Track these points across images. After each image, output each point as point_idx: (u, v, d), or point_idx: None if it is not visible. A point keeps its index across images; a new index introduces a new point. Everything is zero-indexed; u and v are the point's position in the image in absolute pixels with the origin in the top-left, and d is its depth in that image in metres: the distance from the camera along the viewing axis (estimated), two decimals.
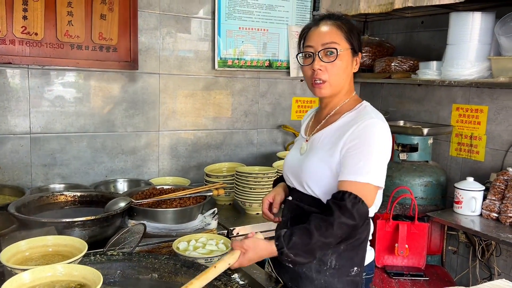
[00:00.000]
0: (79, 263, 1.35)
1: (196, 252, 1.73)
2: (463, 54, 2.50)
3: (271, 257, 1.51)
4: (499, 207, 2.39)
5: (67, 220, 1.77)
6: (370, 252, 1.62)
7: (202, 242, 1.82)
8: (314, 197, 1.52)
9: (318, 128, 1.60)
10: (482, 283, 1.32)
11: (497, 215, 2.39)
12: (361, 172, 1.39)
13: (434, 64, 2.73)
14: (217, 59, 2.95)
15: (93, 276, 1.22)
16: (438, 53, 2.89)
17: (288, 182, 1.69)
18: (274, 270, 1.67)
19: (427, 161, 2.81)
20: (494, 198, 2.42)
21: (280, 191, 1.73)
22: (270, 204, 1.73)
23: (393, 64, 2.99)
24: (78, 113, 2.60)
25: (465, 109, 2.85)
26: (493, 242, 2.57)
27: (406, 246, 2.47)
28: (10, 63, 2.35)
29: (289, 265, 1.40)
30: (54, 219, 1.79)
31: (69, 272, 1.25)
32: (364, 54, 3.21)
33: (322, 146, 1.52)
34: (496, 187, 2.42)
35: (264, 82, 3.20)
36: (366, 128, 1.43)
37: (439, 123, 2.99)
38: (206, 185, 2.54)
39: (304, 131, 1.71)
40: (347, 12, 2.90)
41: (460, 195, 2.50)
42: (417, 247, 2.52)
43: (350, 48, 1.51)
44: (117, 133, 2.72)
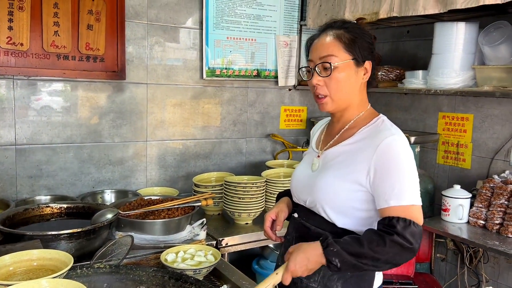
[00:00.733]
0: (65, 277, 1.33)
1: (184, 263, 1.71)
2: (448, 64, 2.53)
3: None
4: (486, 214, 2.41)
5: (53, 233, 1.74)
6: (378, 276, 1.49)
7: (190, 253, 1.80)
8: (322, 217, 1.44)
9: (331, 143, 1.50)
10: None
11: (484, 222, 2.42)
12: (401, 195, 1.31)
13: (420, 73, 2.76)
14: (205, 69, 2.95)
15: None
16: (423, 62, 2.93)
17: (295, 198, 1.60)
18: None
19: None
20: (481, 205, 2.44)
21: (283, 208, 1.62)
22: (273, 221, 1.62)
23: (380, 73, 3.02)
24: (65, 123, 2.58)
25: (451, 117, 2.88)
26: (480, 249, 2.59)
27: None
28: None
29: (335, 262, 1.25)
30: (40, 232, 1.76)
31: (54, 286, 1.23)
32: None
33: (338, 163, 1.43)
34: (482, 195, 2.45)
35: (252, 91, 3.20)
36: (390, 147, 1.34)
37: (426, 131, 3.02)
38: (194, 195, 2.52)
39: (315, 145, 1.59)
40: None
41: (447, 203, 2.52)
42: None
43: (352, 58, 1.41)
44: (104, 143, 2.70)
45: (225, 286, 1.59)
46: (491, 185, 2.44)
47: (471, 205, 2.49)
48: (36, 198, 2.48)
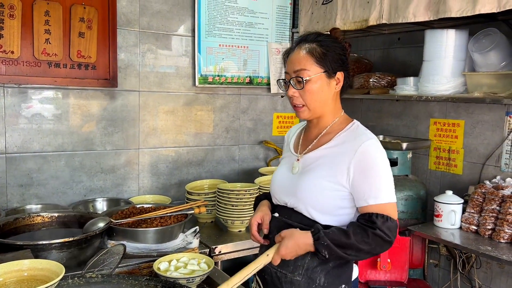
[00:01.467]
0: None
1: (177, 272, 1.70)
2: (439, 70, 2.56)
3: (258, 272, 1.58)
4: (478, 220, 2.43)
5: (44, 242, 1.72)
6: (355, 268, 1.63)
7: (183, 262, 1.79)
8: (304, 215, 1.53)
9: (310, 147, 1.59)
10: None
11: (476, 228, 2.43)
12: (378, 195, 1.44)
13: (411, 80, 2.79)
14: (197, 76, 2.95)
15: None
16: (414, 69, 2.95)
17: (274, 200, 1.67)
18: (261, 285, 1.65)
19: (407, 175, 2.84)
20: (473, 211, 2.46)
21: (267, 211, 1.69)
22: (258, 225, 1.67)
23: (371, 80, 3.04)
24: (56, 131, 2.56)
25: (442, 123, 2.91)
26: (473, 254, 2.60)
27: (388, 260, 2.48)
28: None
29: (324, 253, 1.40)
30: (30, 242, 1.74)
31: None
32: None
33: (319, 166, 1.52)
34: (474, 200, 2.46)
35: (245, 98, 3.21)
36: (367, 151, 1.46)
37: (418, 137, 3.04)
38: (187, 203, 2.51)
39: (293, 149, 1.68)
40: (325, 29, 2.94)
41: (440, 209, 2.53)
42: (399, 261, 2.53)
43: (323, 71, 1.51)
44: (96, 151, 2.68)
45: None
46: (483, 190, 2.46)
47: (463, 210, 2.50)
48: (26, 207, 2.45)
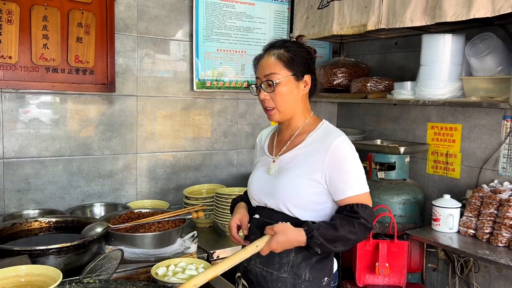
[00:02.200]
0: None
1: (175, 277, 1.70)
2: (436, 75, 2.57)
3: (242, 274, 1.63)
4: (476, 224, 2.43)
5: (41, 247, 1.72)
6: (334, 262, 1.71)
7: (181, 266, 1.79)
8: (285, 213, 1.59)
9: (285, 149, 1.67)
10: None
11: (474, 232, 2.43)
12: (354, 186, 1.55)
13: (409, 84, 2.80)
14: (195, 81, 2.96)
15: None
16: (412, 73, 2.96)
17: (254, 202, 1.72)
18: (247, 286, 1.66)
19: (405, 179, 2.84)
20: (471, 215, 2.46)
21: (245, 212, 1.74)
22: (238, 227, 1.72)
23: (368, 84, 3.05)
24: (54, 136, 2.56)
25: (439, 127, 2.91)
26: (471, 258, 2.60)
27: (387, 264, 2.47)
28: None
29: (317, 250, 1.48)
30: (28, 247, 1.74)
31: None
32: (340, 75, 3.27)
33: (295, 165, 1.60)
34: (472, 204, 2.47)
35: (243, 102, 3.21)
36: (339, 148, 1.56)
37: (415, 142, 3.05)
38: (185, 207, 2.51)
39: (267, 152, 1.74)
40: (320, 33, 2.95)
41: (437, 213, 2.53)
42: (397, 266, 2.53)
43: (292, 74, 1.60)
44: (93, 156, 2.68)
45: None
46: (481, 194, 2.46)
47: (461, 214, 2.50)
48: (24, 212, 2.45)
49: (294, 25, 3.17)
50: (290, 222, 1.54)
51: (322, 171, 1.55)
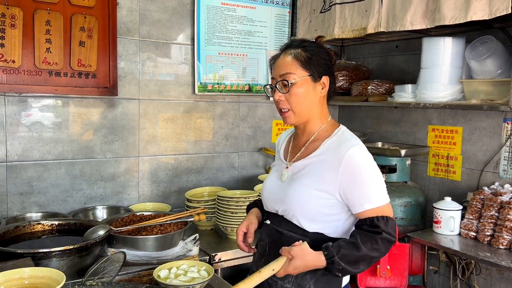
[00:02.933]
0: None
1: (177, 280, 1.70)
2: (436, 78, 2.58)
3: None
4: (477, 226, 2.43)
5: (44, 250, 1.73)
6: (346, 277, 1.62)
7: (183, 269, 1.79)
8: (294, 223, 1.54)
9: (298, 155, 1.60)
10: None
11: (475, 234, 2.43)
12: (372, 198, 1.46)
13: (409, 87, 2.81)
14: (197, 84, 2.97)
15: None
16: (412, 76, 2.97)
17: (266, 207, 1.68)
18: None
19: (406, 181, 2.85)
20: (472, 217, 2.46)
21: (253, 219, 1.71)
22: (245, 234, 1.70)
23: (369, 87, 3.06)
24: (56, 140, 2.57)
25: (440, 130, 2.92)
26: (472, 261, 2.61)
27: (388, 267, 2.48)
28: None
29: (338, 274, 1.42)
30: (31, 250, 1.74)
31: None
32: (341, 78, 3.29)
33: (306, 174, 1.53)
34: (473, 207, 2.47)
35: (244, 106, 3.23)
36: (353, 158, 1.46)
37: (416, 144, 3.06)
38: (187, 210, 2.52)
39: (283, 156, 1.69)
40: None
41: (439, 215, 2.54)
42: (399, 268, 2.53)
43: (308, 75, 1.53)
44: (96, 159, 2.70)
45: None
46: (481, 197, 2.47)
47: (462, 217, 2.51)
48: (27, 215, 2.46)
49: (297, 29, 3.19)
50: (298, 233, 1.50)
51: (334, 184, 1.47)
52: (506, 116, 2.58)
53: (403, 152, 2.76)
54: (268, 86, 1.62)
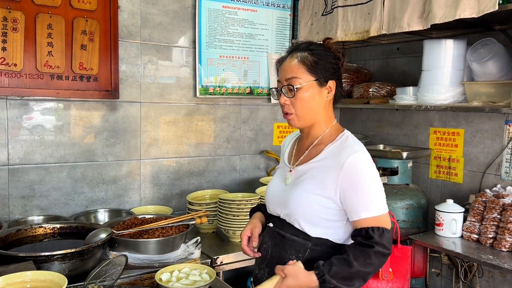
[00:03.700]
0: None
1: (179, 283, 1.70)
2: (438, 80, 2.58)
3: (254, 281, 1.57)
4: (479, 229, 2.43)
5: (46, 253, 1.73)
6: None
7: (185, 272, 1.79)
8: (296, 227, 1.53)
9: (302, 159, 1.59)
10: None
11: (477, 237, 2.43)
12: (370, 208, 1.44)
13: (411, 89, 2.81)
14: (198, 87, 2.98)
15: None
16: (414, 78, 2.97)
17: (269, 210, 1.68)
18: None
19: (408, 184, 2.85)
20: (474, 219, 2.46)
21: (257, 223, 1.70)
22: (249, 238, 1.69)
23: (371, 89, 3.06)
24: (58, 143, 2.57)
25: (442, 132, 2.92)
26: (475, 263, 2.60)
27: (390, 270, 2.47)
28: None
29: None
30: (33, 253, 1.74)
31: None
32: (342, 80, 3.27)
33: (308, 179, 1.53)
34: (475, 209, 2.46)
35: (245, 108, 3.23)
36: (354, 165, 1.45)
37: (418, 146, 3.05)
38: (188, 213, 2.52)
39: (287, 160, 1.69)
40: None
41: (441, 217, 2.53)
42: (401, 271, 2.52)
43: (315, 79, 1.51)
44: (97, 162, 2.70)
45: None
46: (484, 199, 2.46)
47: (464, 219, 2.50)
48: (29, 218, 2.46)
49: (299, 31, 3.19)
50: (300, 236, 1.50)
51: (335, 189, 1.46)
52: (508, 118, 2.57)
53: (405, 154, 2.75)
54: (273, 89, 1.62)
